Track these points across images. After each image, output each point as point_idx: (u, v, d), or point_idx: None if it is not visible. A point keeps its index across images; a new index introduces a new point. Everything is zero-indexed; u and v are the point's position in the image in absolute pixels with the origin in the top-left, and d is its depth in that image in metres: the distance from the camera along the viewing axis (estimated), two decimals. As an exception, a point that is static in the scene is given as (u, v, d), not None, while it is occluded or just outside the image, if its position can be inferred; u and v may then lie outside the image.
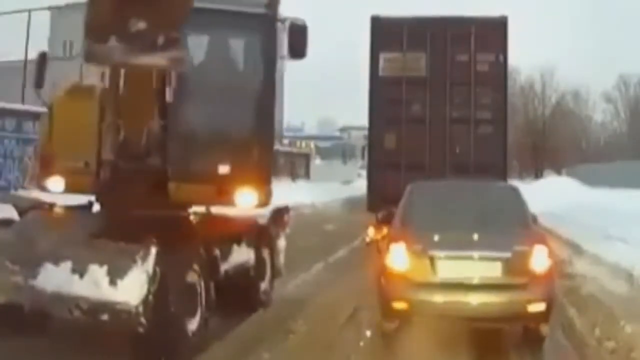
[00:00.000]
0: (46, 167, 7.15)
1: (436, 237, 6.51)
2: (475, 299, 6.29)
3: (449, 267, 6.37)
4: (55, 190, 7.11)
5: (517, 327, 6.77)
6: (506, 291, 6.29)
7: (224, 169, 6.81)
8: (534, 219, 7.24)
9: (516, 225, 6.91)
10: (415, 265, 6.41)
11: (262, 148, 7.13)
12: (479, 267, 6.36)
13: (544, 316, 6.45)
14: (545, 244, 6.63)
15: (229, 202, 7.03)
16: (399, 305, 6.45)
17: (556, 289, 6.91)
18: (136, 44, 5.49)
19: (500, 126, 12.83)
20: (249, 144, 6.97)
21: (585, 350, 6.64)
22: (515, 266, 6.32)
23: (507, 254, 6.34)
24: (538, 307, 6.32)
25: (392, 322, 6.61)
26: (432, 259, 6.35)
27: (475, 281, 6.32)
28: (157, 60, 5.60)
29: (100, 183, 6.69)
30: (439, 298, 6.31)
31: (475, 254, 6.37)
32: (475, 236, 6.48)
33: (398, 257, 6.50)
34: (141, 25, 5.41)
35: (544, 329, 6.55)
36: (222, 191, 6.87)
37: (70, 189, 7.10)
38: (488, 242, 6.44)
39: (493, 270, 6.32)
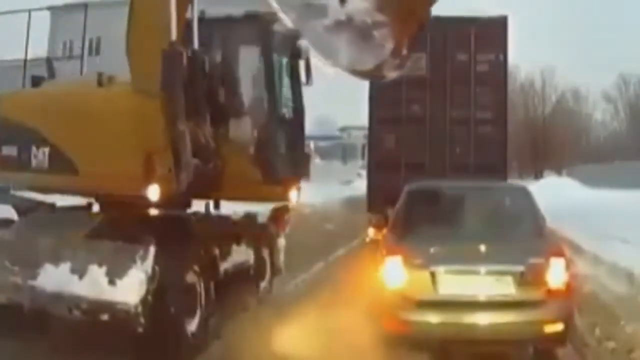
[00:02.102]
0: (151, 174, 6.68)
1: (437, 249, 5.87)
2: (483, 319, 5.64)
3: (452, 284, 5.70)
4: (154, 199, 6.74)
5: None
6: (519, 310, 5.60)
7: (287, 173, 7.86)
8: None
9: (529, 233, 6.20)
10: (413, 282, 5.72)
11: (304, 158, 8.61)
12: (487, 282, 5.68)
13: (561, 338, 5.80)
14: (564, 255, 5.93)
15: (287, 199, 8.12)
16: (396, 327, 5.80)
17: (575, 306, 6.14)
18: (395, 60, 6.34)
19: (500, 126, 12.77)
20: (297, 154, 8.24)
21: (585, 350, 6.63)
22: (530, 281, 5.62)
23: (520, 268, 5.63)
24: (555, 327, 5.65)
25: (387, 347, 5.85)
26: (433, 275, 5.68)
27: (483, 299, 5.67)
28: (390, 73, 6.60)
29: (181, 188, 6.69)
30: (441, 319, 5.64)
31: (483, 267, 5.70)
32: (482, 247, 5.84)
33: (394, 273, 5.80)
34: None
35: (560, 352, 5.97)
36: (284, 191, 7.92)
37: (162, 197, 6.75)
38: (497, 253, 5.78)
39: (504, 287, 5.63)
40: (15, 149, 6.90)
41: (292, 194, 8.01)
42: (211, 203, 8.03)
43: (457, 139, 12.37)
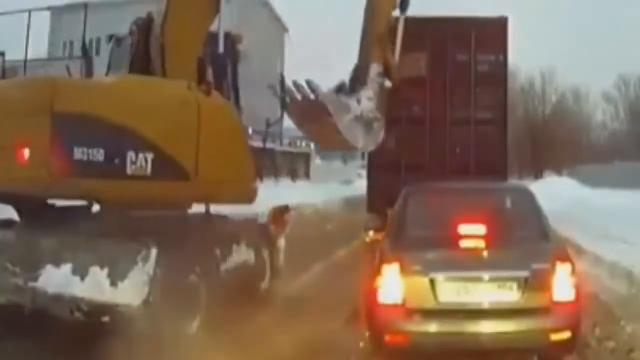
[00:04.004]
0: (255, 178, 7.98)
1: (436, 255, 5.67)
2: (486, 328, 5.36)
3: (453, 291, 5.44)
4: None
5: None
6: (524, 318, 5.35)
7: None
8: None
9: (533, 238, 5.94)
10: (412, 290, 5.44)
11: None
12: (490, 289, 5.42)
13: (569, 346, 5.54)
14: (569, 259, 5.65)
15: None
16: (394, 338, 5.49)
17: (583, 313, 5.74)
18: None
19: (500, 126, 12.77)
20: None
21: (585, 350, 6.62)
22: (535, 287, 5.38)
23: (524, 273, 5.39)
24: (562, 335, 5.39)
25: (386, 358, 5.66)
26: (432, 282, 5.40)
27: (486, 307, 5.40)
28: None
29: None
30: (442, 328, 5.38)
31: (485, 274, 5.45)
32: (484, 252, 5.65)
33: (391, 281, 5.50)
34: None
35: None
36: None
37: None
38: (499, 259, 5.58)
39: (507, 293, 5.39)
40: (100, 152, 5.99)
41: None
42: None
43: (457, 139, 12.36)
